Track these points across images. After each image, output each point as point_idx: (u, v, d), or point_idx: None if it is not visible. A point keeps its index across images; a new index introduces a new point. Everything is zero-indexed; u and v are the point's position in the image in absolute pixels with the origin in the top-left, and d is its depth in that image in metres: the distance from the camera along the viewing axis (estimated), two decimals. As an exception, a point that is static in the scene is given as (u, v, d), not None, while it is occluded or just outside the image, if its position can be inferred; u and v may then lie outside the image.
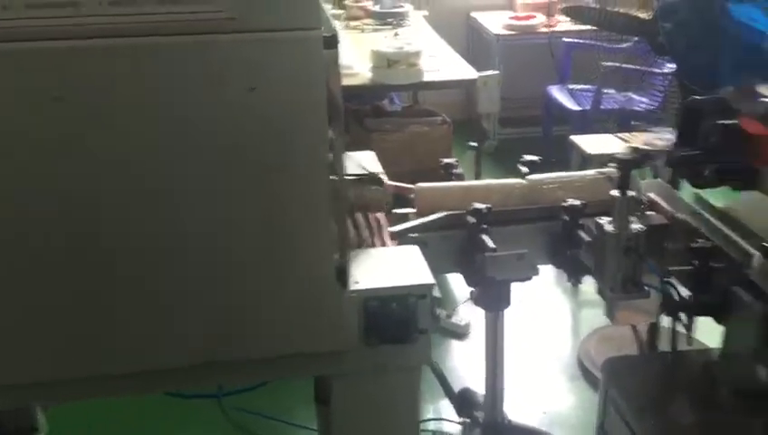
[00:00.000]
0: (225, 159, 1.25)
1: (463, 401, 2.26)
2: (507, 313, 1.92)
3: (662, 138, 1.98)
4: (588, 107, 4.73)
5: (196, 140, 1.22)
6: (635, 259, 1.60)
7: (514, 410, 2.26)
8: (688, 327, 1.63)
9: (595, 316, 3.45)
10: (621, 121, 4.97)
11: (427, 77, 3.64)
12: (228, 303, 1.33)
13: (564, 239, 1.72)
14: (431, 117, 3.91)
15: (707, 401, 1.53)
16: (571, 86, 5.15)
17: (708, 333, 1.66)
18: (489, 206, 1.67)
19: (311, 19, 1.21)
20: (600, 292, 1.80)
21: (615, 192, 1.60)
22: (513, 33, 5.48)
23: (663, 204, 1.76)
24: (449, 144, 3.84)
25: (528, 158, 1.93)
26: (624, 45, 5.11)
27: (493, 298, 1.83)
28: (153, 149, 1.22)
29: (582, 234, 1.68)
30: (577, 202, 1.69)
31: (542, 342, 3.30)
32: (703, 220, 1.64)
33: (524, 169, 1.89)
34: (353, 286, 1.40)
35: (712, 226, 1.59)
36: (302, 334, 1.39)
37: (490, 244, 1.62)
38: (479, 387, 2.15)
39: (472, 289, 1.86)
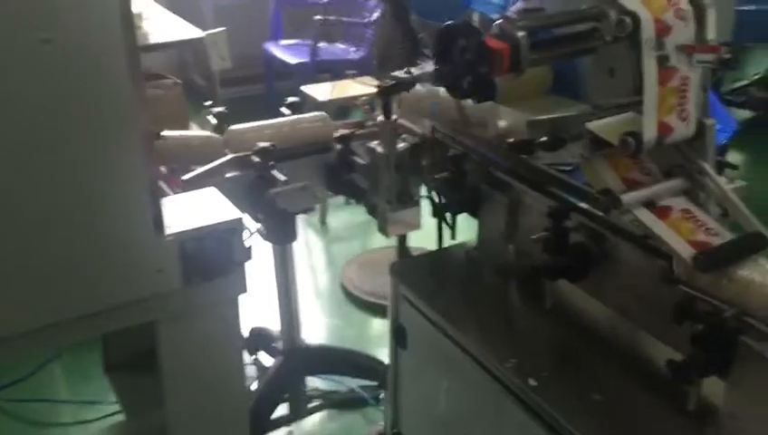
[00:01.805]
0: (27, 116, 1.21)
1: (258, 340, 2.38)
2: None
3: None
4: (307, 60, 4.96)
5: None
6: (404, 174, 1.83)
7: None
8: (452, 226, 1.91)
9: (345, 249, 3.75)
10: (337, 71, 5.30)
11: (152, 39, 3.57)
12: (47, 261, 1.31)
13: (340, 167, 1.90)
14: (161, 80, 3.84)
15: (475, 280, 1.83)
16: (285, 42, 5.34)
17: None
18: (273, 144, 1.78)
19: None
20: (372, 211, 2.02)
21: (380, 117, 1.81)
22: (216, -10, 5.51)
23: (412, 126, 2.02)
24: (183, 106, 3.82)
25: (216, 109, 1.97)
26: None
27: (281, 231, 1.97)
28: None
29: (357, 159, 1.87)
30: (347, 131, 1.87)
31: (304, 277, 3.51)
32: (447, 136, 1.92)
33: (213, 121, 1.95)
34: (168, 231, 1.44)
35: (458, 139, 1.88)
36: (127, 284, 1.41)
37: (281, 177, 1.74)
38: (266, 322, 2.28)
39: (258, 226, 1.97)
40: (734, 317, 1.26)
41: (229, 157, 1.81)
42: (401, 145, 1.83)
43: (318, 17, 4.82)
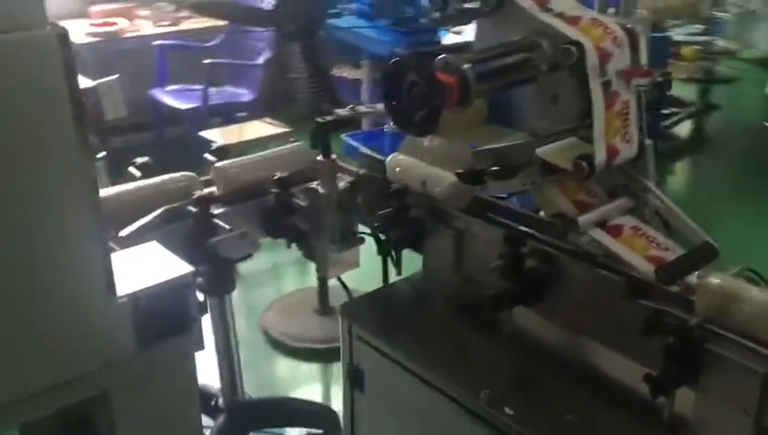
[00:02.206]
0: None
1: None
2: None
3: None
4: (197, 104, 4.84)
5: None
6: (346, 213, 1.80)
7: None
8: (398, 263, 1.90)
9: (260, 295, 3.64)
10: (228, 115, 5.22)
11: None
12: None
13: (279, 210, 1.85)
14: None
15: (428, 314, 1.82)
16: (171, 87, 5.19)
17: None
18: (212, 191, 1.71)
19: (39, 17, 1.13)
20: (309, 254, 1.98)
21: (320, 157, 1.78)
22: (98, 39, 5.30)
23: (346, 165, 2.00)
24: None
25: (140, 160, 1.89)
26: (212, 43, 5.34)
27: (222, 281, 1.88)
28: None
29: (297, 201, 1.82)
30: (285, 174, 1.83)
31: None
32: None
33: (137, 173, 1.85)
34: (119, 292, 1.35)
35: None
36: (80, 353, 1.30)
37: (225, 226, 1.67)
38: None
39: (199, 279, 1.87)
40: (699, 326, 1.32)
41: (164, 208, 1.71)
42: (341, 184, 1.81)
43: (208, 61, 4.73)
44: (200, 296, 1.49)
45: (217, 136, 3.79)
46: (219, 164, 1.84)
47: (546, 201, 1.53)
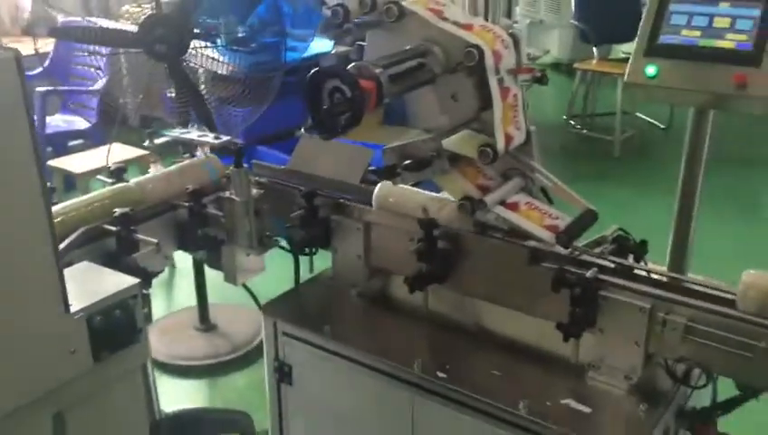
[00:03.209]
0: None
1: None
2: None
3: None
4: (31, 135, 4.57)
5: None
6: (262, 218, 1.88)
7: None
8: (311, 259, 2.00)
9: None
10: (60, 144, 4.97)
11: None
12: None
13: (194, 222, 1.88)
14: None
15: (345, 304, 1.94)
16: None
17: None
18: (129, 209, 1.72)
19: (-10, 39, 1.13)
20: (217, 264, 2.03)
21: (232, 168, 1.85)
22: None
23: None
24: None
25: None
26: (35, 72, 5.07)
27: (139, 297, 1.87)
28: None
29: (212, 211, 1.87)
30: (197, 186, 1.87)
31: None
32: (295, 176, 2.02)
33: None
34: (73, 308, 1.34)
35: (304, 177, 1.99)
36: (40, 373, 1.28)
37: (152, 240, 1.69)
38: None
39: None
40: (594, 278, 1.56)
41: (82, 230, 1.70)
42: (254, 191, 1.89)
43: (42, 88, 4.49)
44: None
45: (65, 163, 3.62)
46: (134, 180, 1.85)
47: (453, 187, 1.72)
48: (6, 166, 1.17)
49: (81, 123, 5.02)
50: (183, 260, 3.50)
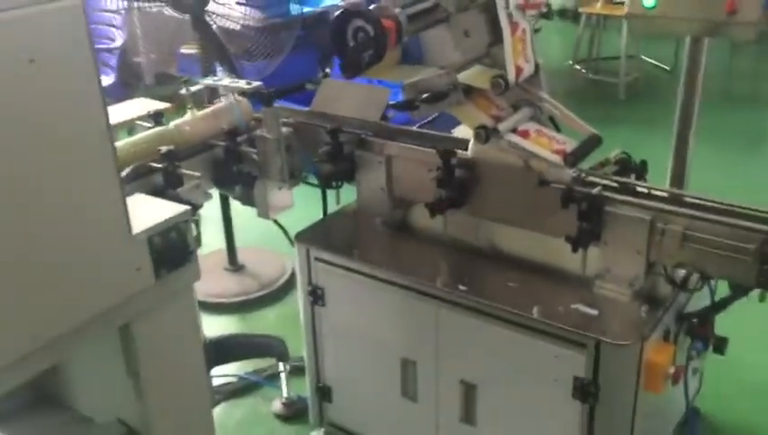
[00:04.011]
0: (13, 133, 1.23)
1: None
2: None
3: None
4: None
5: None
6: (292, 154, 2.03)
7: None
8: (338, 192, 2.15)
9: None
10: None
11: None
12: (38, 278, 1.30)
13: (228, 159, 2.03)
14: None
15: (371, 231, 2.10)
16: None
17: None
18: (172, 147, 1.87)
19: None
20: (246, 201, 2.19)
21: (264, 108, 1.99)
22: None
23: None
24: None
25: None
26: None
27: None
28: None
29: (246, 148, 2.02)
30: (233, 125, 2.02)
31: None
32: (318, 117, 2.16)
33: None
34: (135, 231, 1.50)
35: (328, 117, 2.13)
36: (109, 287, 1.44)
37: (195, 174, 1.84)
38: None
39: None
40: (599, 195, 1.70)
41: (133, 166, 1.85)
42: (284, 129, 2.03)
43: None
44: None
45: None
46: (174, 123, 2.00)
47: (468, 117, 1.86)
48: (79, 106, 1.31)
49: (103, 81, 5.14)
50: (207, 208, 3.67)
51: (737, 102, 5.20)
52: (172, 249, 1.57)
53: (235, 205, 2.48)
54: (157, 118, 2.11)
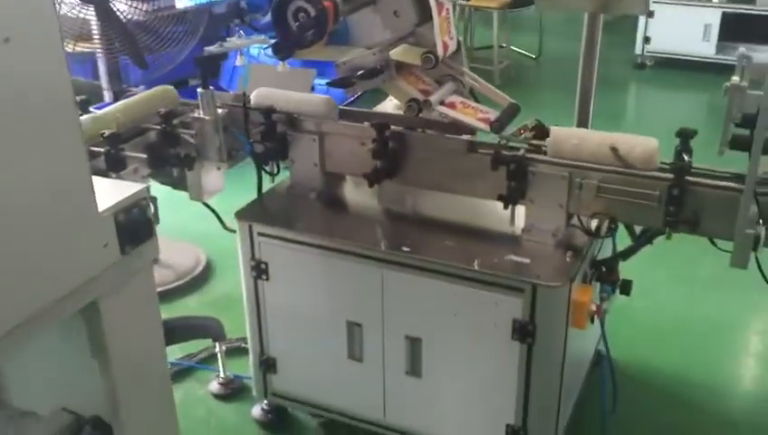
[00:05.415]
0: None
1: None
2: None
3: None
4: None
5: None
6: (229, 134, 2.07)
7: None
8: (274, 172, 2.21)
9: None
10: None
11: None
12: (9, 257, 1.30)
13: (164, 142, 2.05)
14: None
15: (308, 205, 2.17)
16: None
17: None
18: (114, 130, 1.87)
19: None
20: (177, 185, 2.21)
21: (200, 90, 2.02)
22: None
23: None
24: None
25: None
26: None
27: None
28: None
29: (183, 131, 2.04)
30: (172, 108, 2.03)
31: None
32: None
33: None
34: (101, 208, 1.51)
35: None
36: (81, 265, 1.45)
37: (141, 155, 1.85)
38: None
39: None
40: (525, 157, 1.88)
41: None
42: (219, 110, 2.07)
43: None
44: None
45: None
46: (106, 109, 1.98)
47: (400, 92, 1.99)
48: (49, 82, 1.31)
49: None
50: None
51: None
52: (135, 225, 1.59)
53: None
54: (83, 106, 2.08)
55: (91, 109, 2.15)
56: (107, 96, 3.12)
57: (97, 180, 1.66)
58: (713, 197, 1.75)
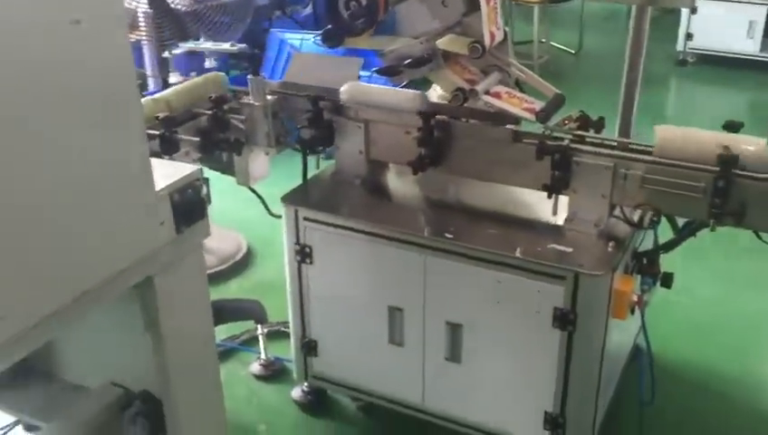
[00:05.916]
0: (54, 92, 1.26)
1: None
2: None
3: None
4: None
5: (24, 73, 1.21)
6: (278, 120, 2.11)
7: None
8: (318, 158, 2.25)
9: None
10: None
11: None
12: (68, 231, 1.33)
13: (215, 127, 2.09)
14: None
15: (354, 191, 2.20)
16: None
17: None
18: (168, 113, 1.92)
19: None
20: (226, 170, 2.26)
21: (250, 76, 2.06)
22: None
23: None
24: None
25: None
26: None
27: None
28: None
29: (233, 116, 2.09)
30: (222, 94, 2.08)
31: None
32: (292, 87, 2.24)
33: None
34: (157, 187, 1.56)
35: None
36: (138, 243, 1.50)
37: (192, 138, 1.90)
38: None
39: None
40: (569, 147, 1.89)
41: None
42: (269, 97, 2.11)
43: None
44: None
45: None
46: (158, 95, 2.04)
47: (446, 81, 2.00)
48: (114, 63, 1.36)
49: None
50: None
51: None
52: (189, 205, 1.64)
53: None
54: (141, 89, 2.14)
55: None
56: (152, 84, 3.20)
57: (153, 161, 1.72)
58: (759, 189, 1.74)
